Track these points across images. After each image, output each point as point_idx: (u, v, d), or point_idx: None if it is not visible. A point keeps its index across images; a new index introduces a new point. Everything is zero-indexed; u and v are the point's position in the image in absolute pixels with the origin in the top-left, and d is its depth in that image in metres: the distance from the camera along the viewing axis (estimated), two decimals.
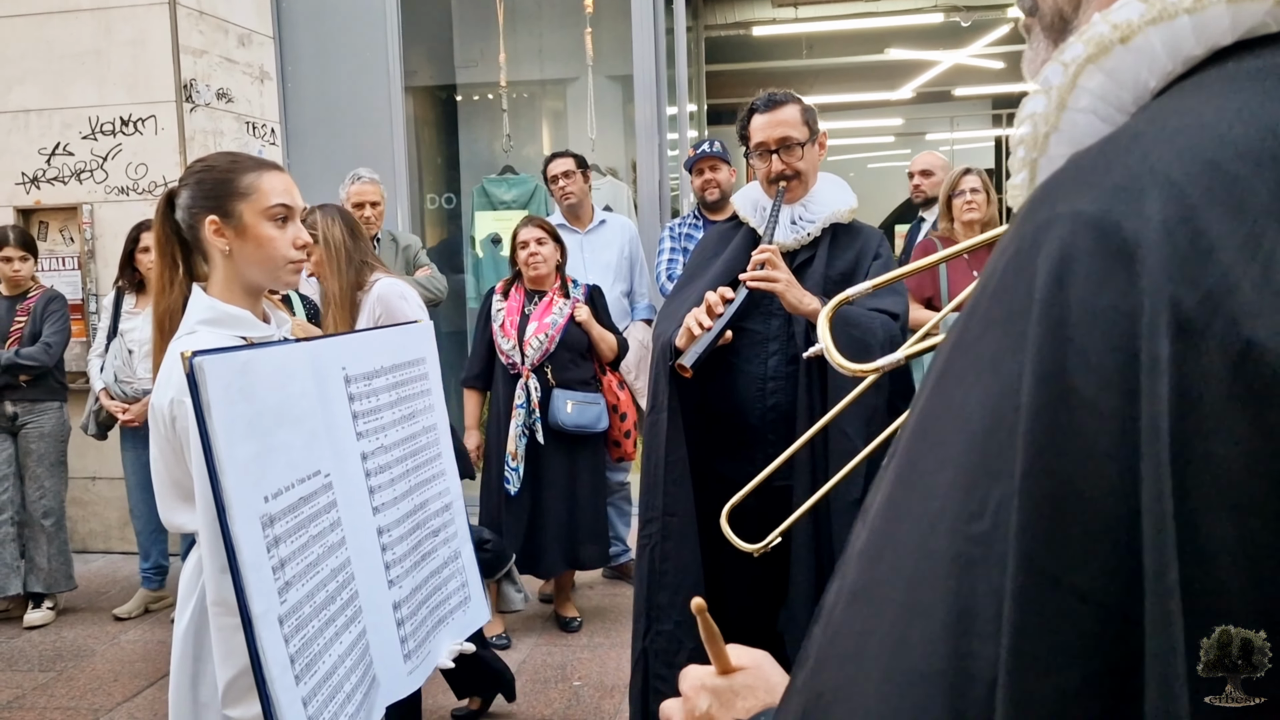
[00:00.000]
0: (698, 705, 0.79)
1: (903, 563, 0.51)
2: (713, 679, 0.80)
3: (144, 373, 4.34)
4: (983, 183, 4.18)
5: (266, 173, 1.64)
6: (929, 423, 0.54)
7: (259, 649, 1.31)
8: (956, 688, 0.47)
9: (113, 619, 4.47)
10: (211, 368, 1.32)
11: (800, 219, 2.42)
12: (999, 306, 0.51)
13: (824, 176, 2.49)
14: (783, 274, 2.25)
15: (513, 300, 3.99)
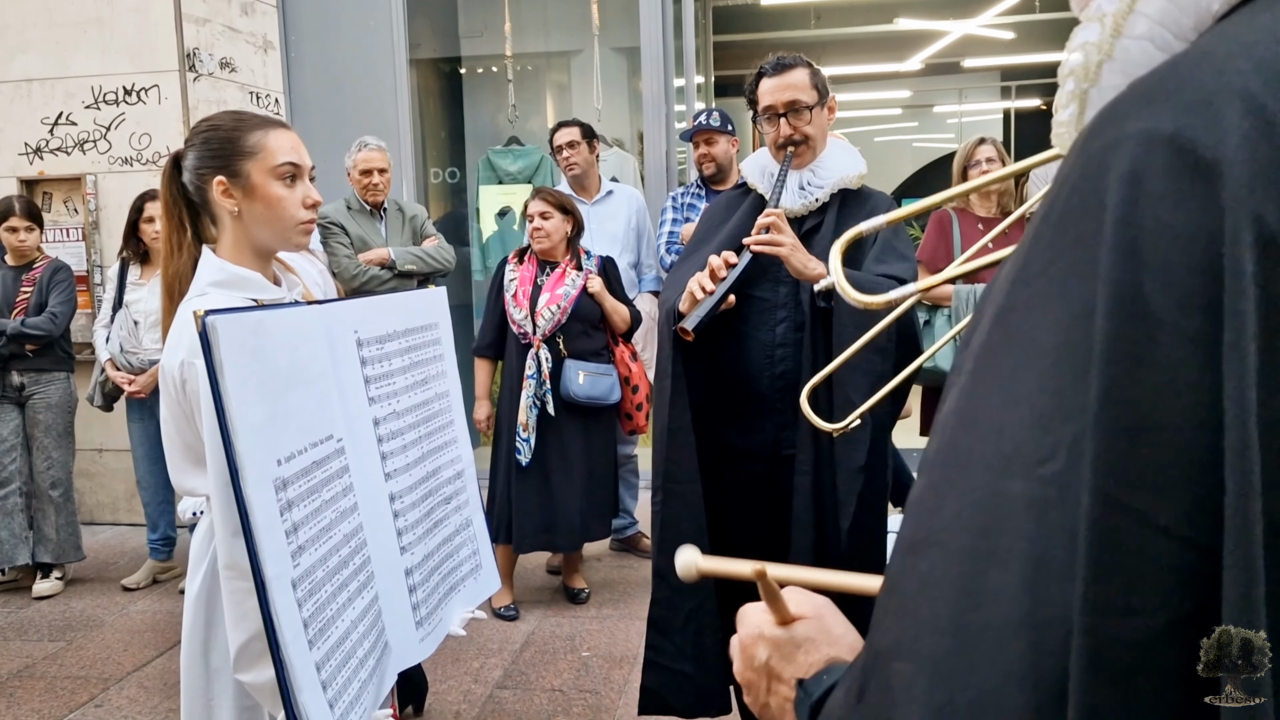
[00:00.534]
0: (756, 655, 0.76)
1: (970, 509, 0.49)
2: (772, 629, 0.76)
3: (150, 343, 4.33)
4: (998, 153, 4.14)
5: (273, 131, 1.61)
6: (991, 361, 0.51)
7: (272, 613, 1.30)
8: (1036, 636, 0.45)
9: (121, 589, 4.47)
10: (224, 327, 1.30)
11: (808, 184, 2.39)
12: (1065, 233, 0.49)
13: (833, 141, 2.46)
14: (787, 238, 2.22)
15: (525, 270, 3.96)
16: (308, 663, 1.34)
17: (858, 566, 2.30)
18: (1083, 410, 0.45)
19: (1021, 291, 0.51)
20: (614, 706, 3.16)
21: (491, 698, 3.25)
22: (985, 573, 0.47)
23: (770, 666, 0.75)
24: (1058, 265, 0.48)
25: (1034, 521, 0.46)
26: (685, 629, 2.41)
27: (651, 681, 2.46)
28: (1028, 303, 0.50)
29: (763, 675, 0.76)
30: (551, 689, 3.31)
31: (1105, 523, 0.43)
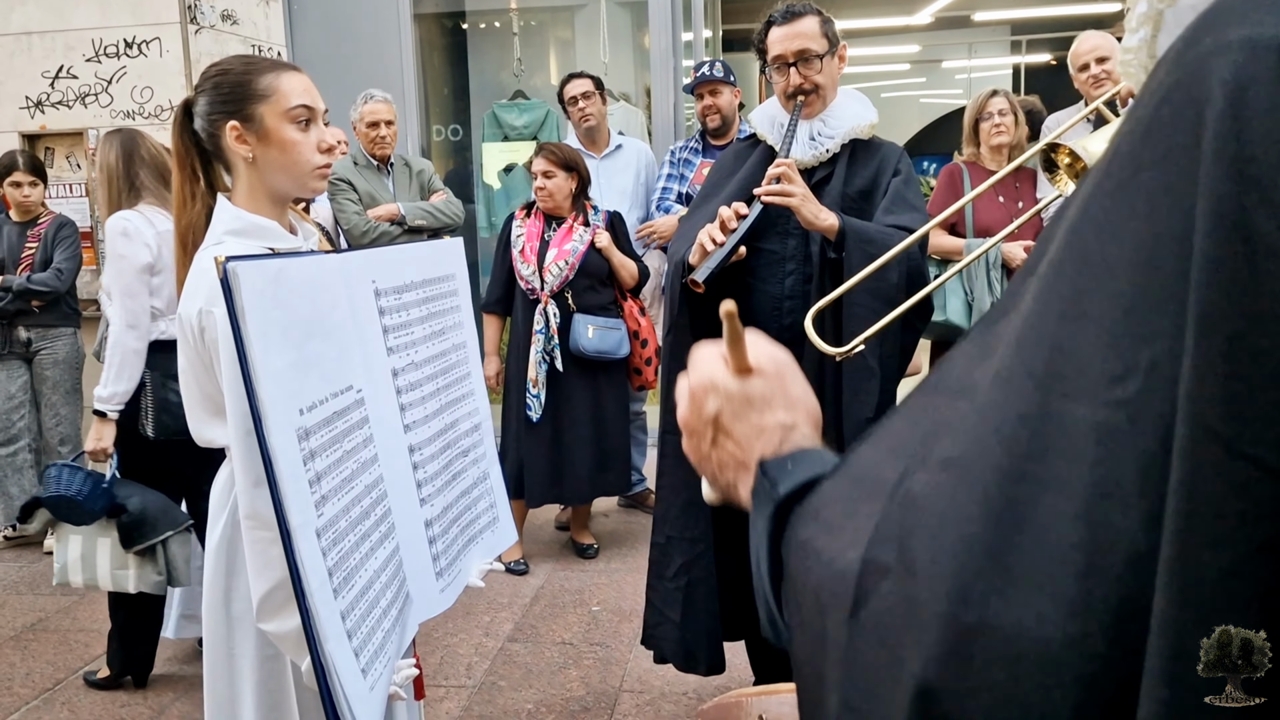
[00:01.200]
0: (705, 405, 0.72)
1: (1021, 431, 0.47)
2: (726, 378, 0.71)
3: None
4: (1010, 105, 4.08)
5: (284, 73, 1.58)
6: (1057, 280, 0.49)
7: (297, 562, 1.29)
8: (1090, 563, 0.43)
9: None
10: (245, 274, 1.28)
11: (819, 134, 2.36)
12: (1152, 146, 0.46)
13: (844, 91, 2.42)
14: (798, 188, 2.19)
15: (532, 225, 3.93)
16: (333, 612, 1.33)
17: None
18: (1165, 334, 0.43)
19: (1097, 207, 0.48)
20: (624, 659, 3.18)
21: (503, 650, 3.27)
22: (1034, 497, 0.46)
23: (719, 420, 0.71)
24: (1142, 179, 0.46)
25: (1097, 446, 0.44)
26: (676, 578, 2.42)
27: (649, 619, 2.49)
28: (1104, 219, 0.47)
29: (709, 426, 0.72)
30: (562, 642, 3.33)
31: (1196, 451, 0.41)
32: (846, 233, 2.17)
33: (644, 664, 3.13)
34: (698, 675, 2.47)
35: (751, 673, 2.72)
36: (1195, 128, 0.44)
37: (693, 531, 2.37)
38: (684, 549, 2.38)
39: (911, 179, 2.34)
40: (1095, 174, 0.50)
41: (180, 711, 2.94)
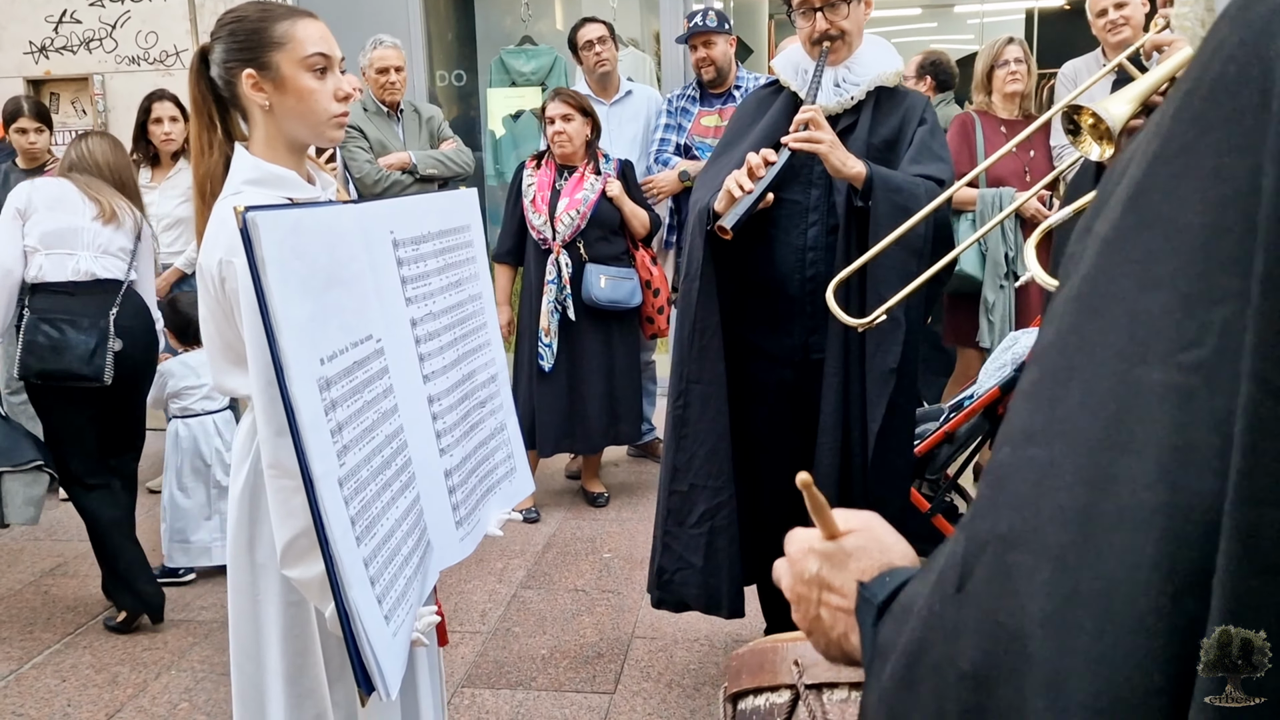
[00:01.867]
0: (806, 568, 0.76)
1: (1099, 398, 0.47)
2: (821, 542, 0.76)
3: (163, 246, 4.30)
4: (1024, 53, 4.03)
5: (300, 20, 1.56)
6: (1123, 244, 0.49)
7: (320, 510, 1.30)
8: (1172, 525, 0.44)
9: (148, 492, 4.53)
10: (265, 223, 1.28)
11: (844, 81, 2.33)
12: (1218, 105, 0.46)
13: (869, 37, 2.39)
14: (826, 135, 2.17)
15: (543, 175, 3.90)
16: (355, 559, 1.35)
17: (882, 472, 2.31)
18: (1236, 294, 0.43)
19: (1161, 170, 0.48)
20: (636, 606, 3.22)
21: (516, 597, 3.32)
22: (1116, 462, 0.46)
23: (821, 577, 0.75)
24: (1208, 140, 0.46)
25: (1174, 409, 0.45)
26: (699, 525, 2.44)
27: (666, 563, 2.51)
28: (1170, 181, 0.47)
29: (813, 587, 0.75)
30: (574, 589, 3.37)
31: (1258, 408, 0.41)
32: (874, 181, 2.16)
33: (656, 611, 3.17)
34: (720, 618, 2.50)
35: (763, 619, 2.76)
36: (1263, 86, 0.43)
37: (716, 480, 2.39)
38: (707, 496, 2.40)
39: (937, 129, 2.31)
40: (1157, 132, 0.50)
41: (201, 655, 2.99)
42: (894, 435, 2.28)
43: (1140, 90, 1.53)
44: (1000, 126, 3.98)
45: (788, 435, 2.46)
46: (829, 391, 2.28)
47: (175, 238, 4.34)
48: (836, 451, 2.31)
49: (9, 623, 3.26)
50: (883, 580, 0.69)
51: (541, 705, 2.66)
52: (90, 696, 2.78)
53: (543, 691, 2.73)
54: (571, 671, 2.83)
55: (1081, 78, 3.97)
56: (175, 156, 4.33)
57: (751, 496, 2.50)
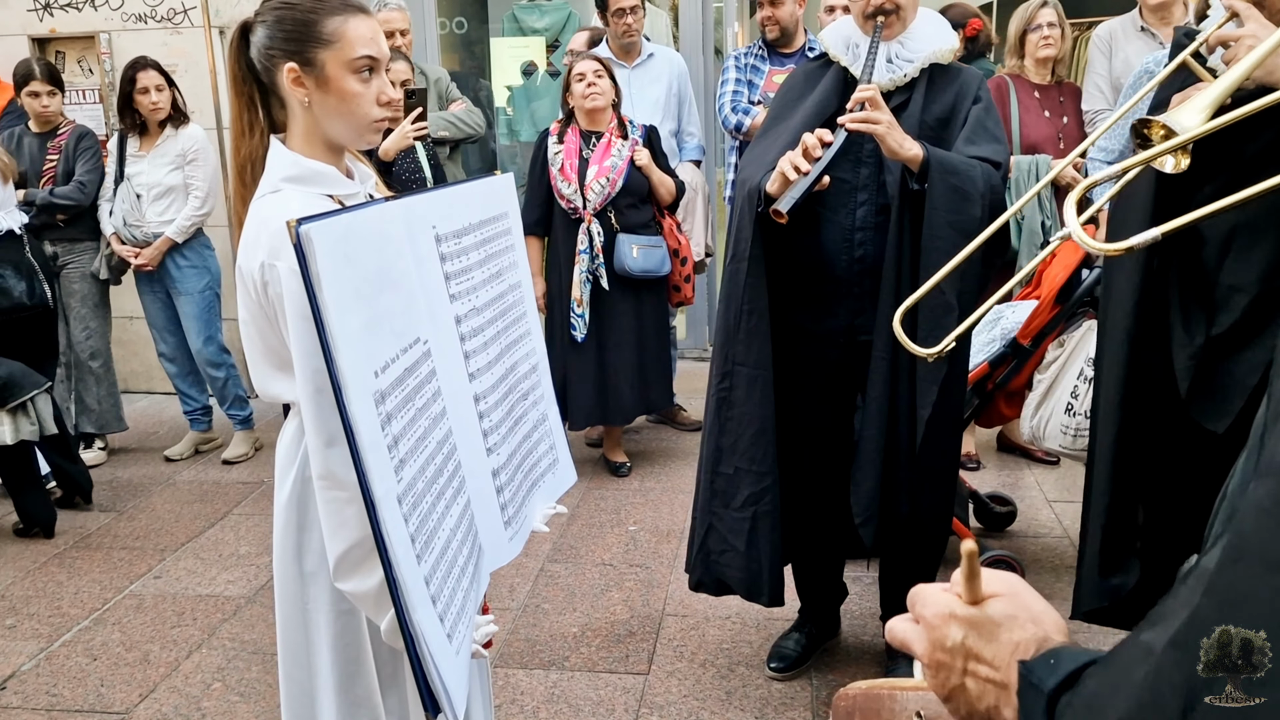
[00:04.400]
0: (948, 635, 0.72)
1: None
2: (965, 609, 0.72)
3: (154, 216, 4.28)
4: (1058, 16, 3.92)
5: (353, 18, 1.48)
6: None
7: (383, 532, 1.26)
8: None
9: (164, 460, 4.52)
10: (319, 234, 1.22)
11: (897, 57, 2.25)
12: None
13: (923, 12, 2.30)
14: (884, 116, 2.10)
15: (569, 142, 3.83)
16: (417, 579, 1.31)
17: (928, 459, 2.28)
18: None
19: None
20: (665, 581, 3.21)
21: (544, 571, 3.31)
22: None
23: (967, 647, 0.72)
24: None
25: None
26: (743, 509, 2.42)
27: (712, 544, 2.49)
28: None
29: (957, 656, 0.72)
30: (602, 563, 3.36)
31: None
32: (930, 163, 2.09)
33: (685, 587, 3.15)
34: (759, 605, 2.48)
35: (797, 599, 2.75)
36: None
37: (761, 465, 2.37)
38: (751, 481, 2.38)
39: (992, 107, 2.24)
40: None
41: (230, 633, 2.99)
42: (944, 421, 2.24)
43: (1213, 97, 1.46)
44: (1034, 91, 3.88)
45: (833, 417, 2.42)
46: (876, 376, 2.24)
47: (166, 206, 4.29)
48: (881, 436, 2.28)
49: (36, 598, 3.26)
50: (1047, 663, 0.66)
51: (576, 686, 2.66)
52: (123, 676, 2.78)
53: (577, 671, 2.72)
54: (604, 650, 2.82)
55: (1117, 39, 3.86)
56: (163, 125, 4.25)
57: (794, 479, 2.47)
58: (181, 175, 4.27)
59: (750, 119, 4.05)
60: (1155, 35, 3.78)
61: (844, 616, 2.84)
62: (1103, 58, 3.87)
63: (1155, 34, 3.78)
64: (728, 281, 2.37)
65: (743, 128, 4.07)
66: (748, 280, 2.29)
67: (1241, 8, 1.62)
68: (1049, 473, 4.01)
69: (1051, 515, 3.63)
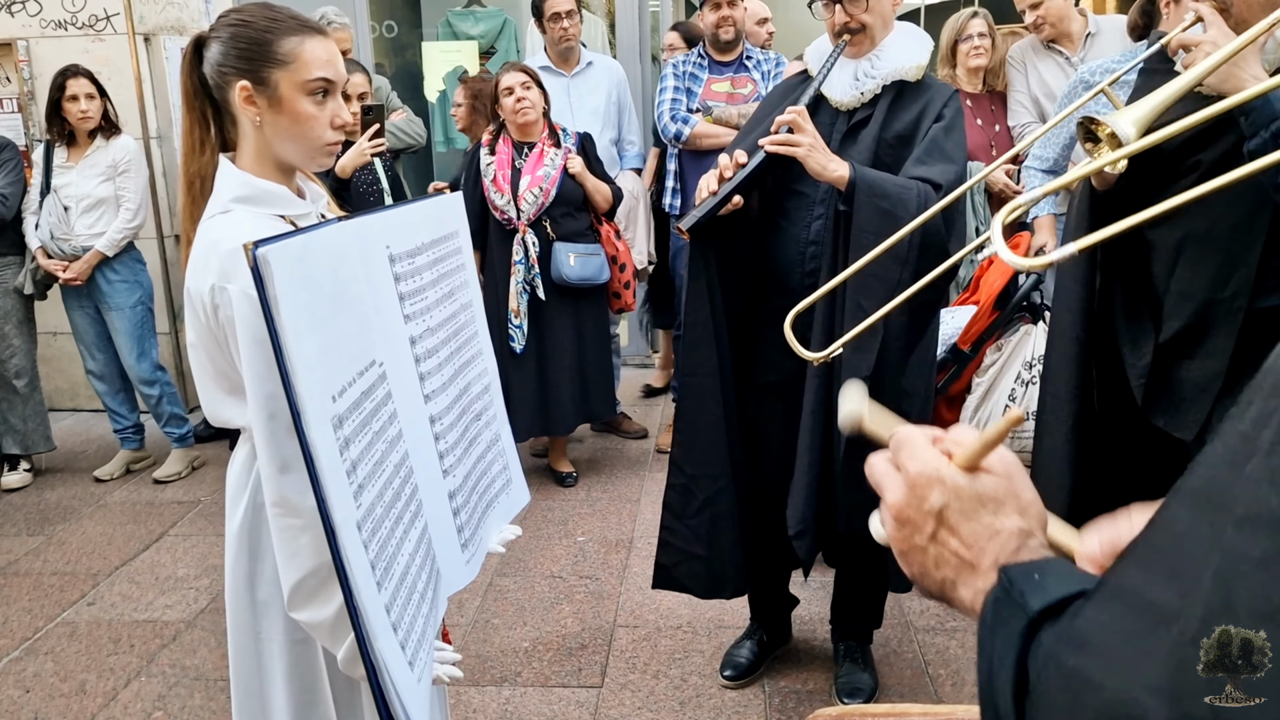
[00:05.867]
0: (928, 498, 0.68)
1: None
2: (953, 473, 0.68)
3: (82, 229, 4.15)
4: (989, 27, 4.01)
5: (310, 38, 1.45)
6: None
7: (344, 560, 1.24)
8: None
9: (93, 480, 4.39)
10: (276, 257, 1.19)
11: (863, 75, 2.27)
12: None
13: (901, 27, 2.31)
14: (805, 138, 2.11)
15: (501, 153, 3.80)
16: (378, 606, 1.29)
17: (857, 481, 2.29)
18: None
19: None
20: (615, 592, 3.21)
21: (493, 586, 3.28)
22: None
23: (944, 515, 0.68)
24: None
25: None
26: (700, 514, 2.43)
27: (665, 559, 2.51)
28: None
29: (929, 520, 0.69)
30: (551, 575, 3.34)
31: None
32: (857, 185, 2.10)
33: (636, 597, 3.16)
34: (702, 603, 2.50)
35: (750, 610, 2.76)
36: None
37: (715, 468, 2.39)
38: (706, 485, 2.40)
39: (954, 127, 2.23)
40: None
41: (170, 659, 2.91)
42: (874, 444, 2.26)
43: (1158, 103, 1.51)
44: (966, 100, 3.97)
45: (791, 425, 2.44)
46: (809, 393, 2.26)
47: (96, 219, 4.16)
48: (816, 449, 2.29)
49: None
50: (1031, 577, 0.63)
51: (529, 702, 2.64)
52: (58, 707, 2.69)
53: (529, 687, 2.71)
54: (556, 664, 2.81)
55: (1029, 57, 3.95)
56: (92, 135, 4.14)
57: (752, 487, 2.49)
58: (112, 187, 4.15)
59: (689, 128, 4.06)
60: (1061, 50, 3.86)
61: (794, 622, 2.87)
62: (1020, 75, 3.97)
63: (1060, 49, 3.86)
64: (687, 294, 2.39)
65: (682, 136, 4.08)
66: (689, 292, 2.32)
67: (1206, 13, 1.67)
68: None
69: None
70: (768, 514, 2.51)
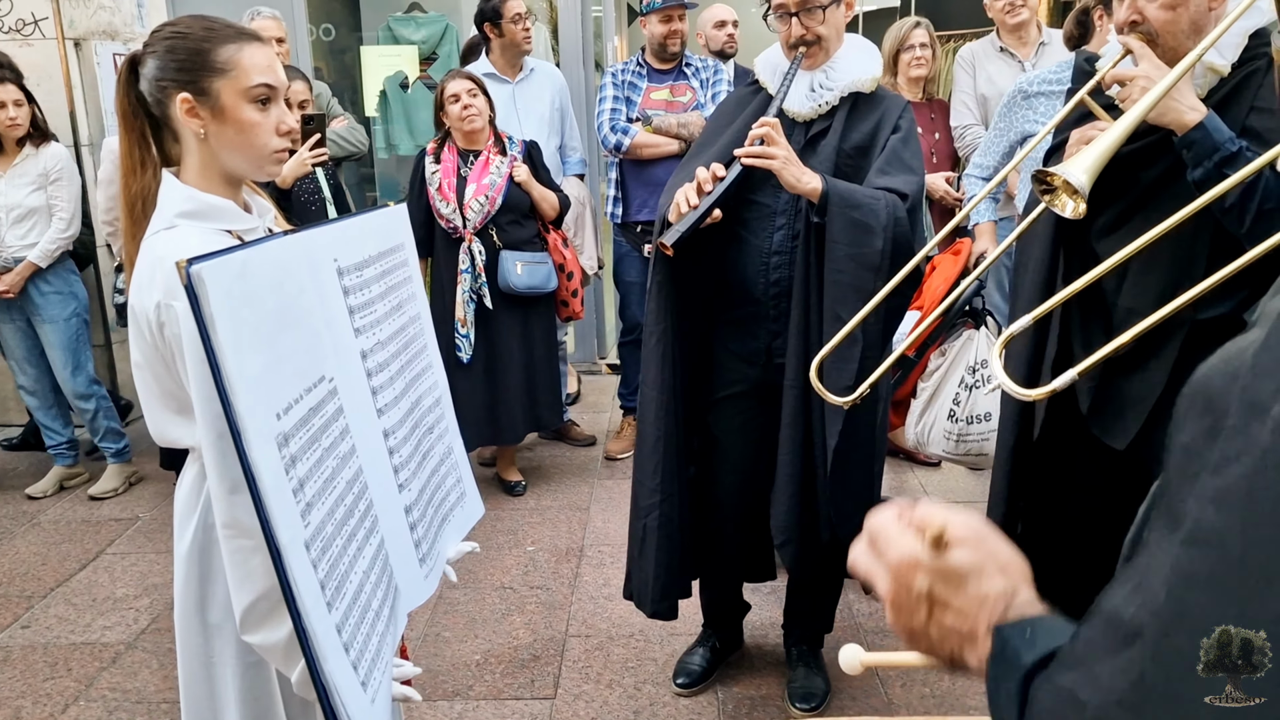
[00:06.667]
0: (913, 584, 0.71)
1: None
2: (930, 558, 0.71)
3: (14, 239, 4.03)
4: (930, 37, 4.08)
5: (248, 45, 1.43)
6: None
7: (290, 581, 1.21)
8: None
9: (26, 499, 4.25)
10: (211, 275, 1.16)
11: (819, 86, 2.29)
12: None
13: (851, 40, 2.34)
14: (780, 150, 2.14)
15: (446, 161, 3.77)
16: (329, 627, 1.27)
17: (842, 488, 2.32)
18: None
19: None
20: (567, 602, 3.19)
21: (442, 598, 3.24)
22: None
23: (933, 596, 0.71)
24: None
25: None
26: (635, 520, 2.48)
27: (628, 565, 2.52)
28: None
29: (921, 603, 0.72)
30: (502, 586, 3.32)
31: None
32: (830, 196, 2.13)
33: (588, 606, 3.15)
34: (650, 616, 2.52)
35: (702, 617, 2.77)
36: None
37: (652, 481, 2.41)
38: (645, 495, 2.43)
39: (911, 137, 2.27)
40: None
41: (110, 682, 2.83)
42: (855, 451, 2.28)
43: (1105, 148, 1.54)
44: None
45: (755, 435, 2.46)
46: (787, 403, 2.28)
47: (28, 230, 4.05)
48: (797, 460, 2.31)
49: None
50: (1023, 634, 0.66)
51: (482, 715, 2.61)
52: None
53: (481, 700, 2.68)
54: (509, 677, 2.79)
55: (980, 59, 4.04)
56: (21, 142, 4.02)
57: (707, 498, 2.50)
58: (44, 196, 4.03)
59: (629, 138, 4.06)
60: (1014, 55, 3.97)
61: (746, 627, 2.88)
62: (967, 76, 4.05)
63: (1014, 54, 3.97)
64: (650, 304, 2.39)
65: (622, 147, 4.08)
66: (651, 304, 2.32)
67: (1136, 47, 1.70)
68: (931, 475, 4.16)
69: None
70: (726, 525, 2.52)
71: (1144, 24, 1.73)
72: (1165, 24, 1.71)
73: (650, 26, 4.09)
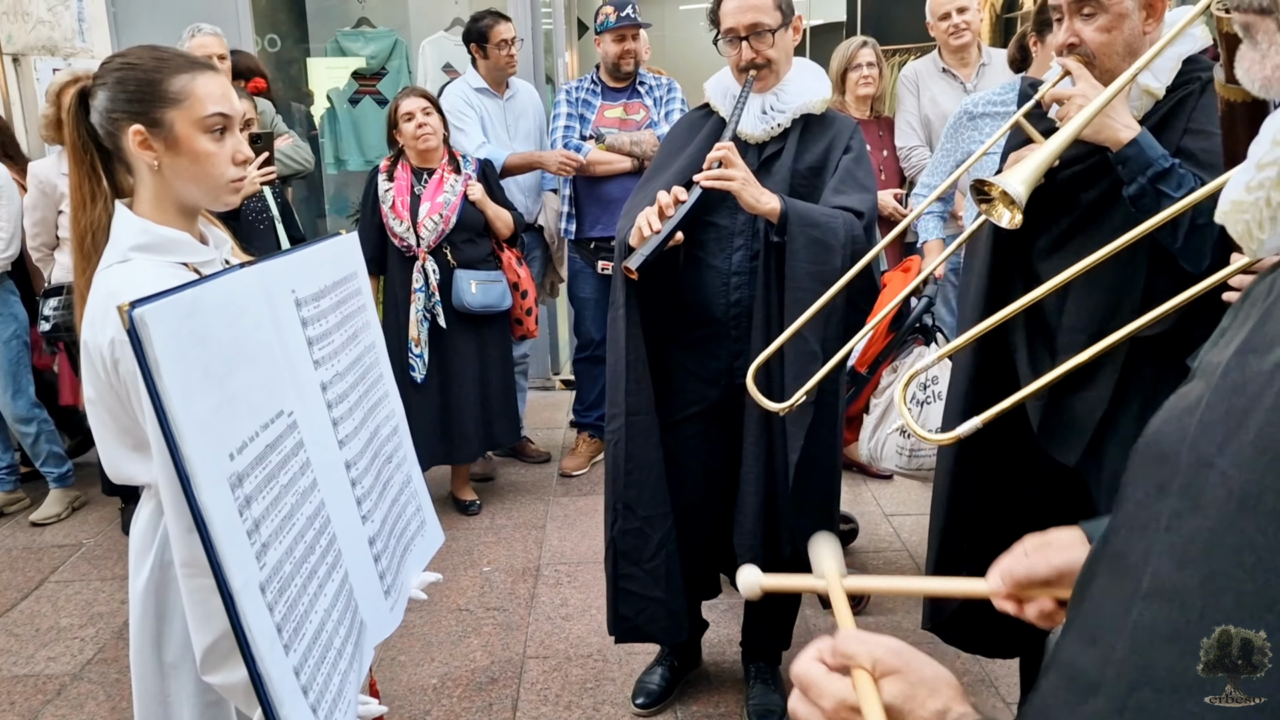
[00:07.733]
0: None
1: None
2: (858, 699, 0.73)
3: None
4: (877, 56, 4.14)
5: (200, 75, 1.42)
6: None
7: (243, 625, 1.19)
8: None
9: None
10: (155, 318, 1.13)
11: (771, 109, 2.33)
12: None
13: (799, 63, 2.39)
14: (739, 172, 2.17)
15: (400, 179, 3.75)
16: (285, 670, 1.25)
17: (804, 505, 2.34)
18: None
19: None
20: (524, 624, 3.18)
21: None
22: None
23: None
24: None
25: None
26: (656, 557, 2.44)
27: (627, 610, 2.49)
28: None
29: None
30: (458, 608, 3.29)
31: None
32: (789, 216, 2.16)
33: (545, 627, 3.14)
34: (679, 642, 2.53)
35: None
36: None
37: (663, 506, 2.41)
38: (659, 525, 2.41)
39: (863, 156, 2.32)
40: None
41: (55, 715, 2.76)
42: (815, 465, 2.31)
43: (1042, 161, 1.59)
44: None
45: (716, 454, 2.47)
46: (750, 421, 2.30)
47: None
48: (761, 478, 2.33)
49: None
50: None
51: None
52: None
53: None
54: (466, 701, 2.77)
55: (923, 79, 4.11)
56: None
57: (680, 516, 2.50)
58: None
59: (583, 156, 4.08)
60: (956, 75, 4.04)
61: (704, 645, 2.89)
62: (911, 97, 4.12)
63: (956, 74, 4.04)
64: (610, 327, 2.39)
65: None
66: (626, 328, 2.32)
67: (1074, 68, 1.76)
68: (884, 488, 4.21)
69: (890, 529, 3.82)
70: (696, 538, 2.54)
71: (1081, 46, 1.79)
72: (1101, 46, 1.77)
73: (604, 45, 4.12)
